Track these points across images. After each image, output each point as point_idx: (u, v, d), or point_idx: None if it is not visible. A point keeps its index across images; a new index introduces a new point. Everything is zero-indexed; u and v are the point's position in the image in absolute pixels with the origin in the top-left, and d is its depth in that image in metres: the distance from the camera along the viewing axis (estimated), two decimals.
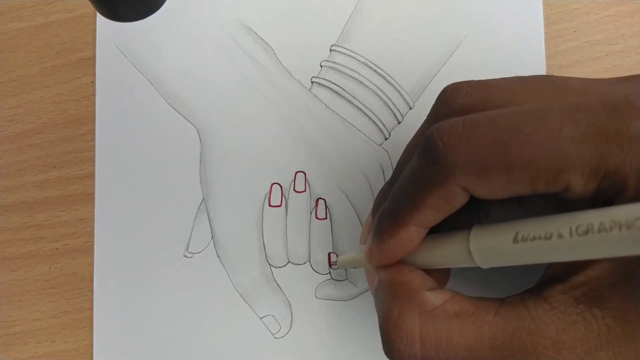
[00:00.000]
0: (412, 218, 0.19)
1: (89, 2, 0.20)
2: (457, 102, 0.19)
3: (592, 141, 0.15)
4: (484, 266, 0.18)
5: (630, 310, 0.16)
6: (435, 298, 0.18)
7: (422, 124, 0.22)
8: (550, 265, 0.18)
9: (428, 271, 0.20)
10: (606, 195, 0.16)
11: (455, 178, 0.17)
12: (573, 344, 0.16)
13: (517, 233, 0.17)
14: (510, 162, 0.16)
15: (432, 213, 0.18)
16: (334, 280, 0.27)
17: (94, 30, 0.29)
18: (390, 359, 0.19)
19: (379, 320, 0.19)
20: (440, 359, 0.18)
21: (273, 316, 0.27)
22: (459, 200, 0.18)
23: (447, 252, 0.19)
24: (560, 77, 0.20)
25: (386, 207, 0.20)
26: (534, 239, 0.16)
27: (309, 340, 0.27)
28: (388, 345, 0.19)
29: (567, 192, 0.16)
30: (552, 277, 0.18)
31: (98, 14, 0.24)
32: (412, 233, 0.19)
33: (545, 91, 0.19)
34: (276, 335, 0.27)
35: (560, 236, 0.16)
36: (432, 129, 0.18)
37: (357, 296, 0.27)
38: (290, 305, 0.27)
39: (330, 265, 0.28)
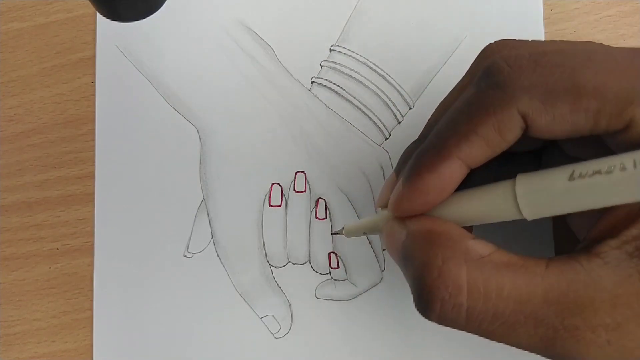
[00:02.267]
0: (459, 149, 0.17)
1: (89, 2, 0.20)
2: (503, 53, 0.18)
3: None
4: (530, 217, 0.17)
5: None
6: (480, 247, 0.17)
7: (460, 81, 0.21)
8: (597, 223, 0.17)
9: None
10: None
11: (518, 101, 0.16)
12: (629, 298, 0.16)
13: (574, 172, 0.16)
14: (578, 88, 0.15)
15: (481, 147, 0.17)
16: (334, 280, 0.27)
17: (94, 30, 0.29)
18: (428, 313, 0.17)
19: (414, 272, 0.17)
20: (487, 312, 0.16)
21: (273, 316, 0.27)
22: (514, 132, 0.17)
23: (487, 201, 0.18)
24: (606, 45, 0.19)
25: (428, 142, 0.18)
26: (593, 174, 0.15)
27: (309, 340, 0.27)
28: (429, 296, 0.17)
29: (629, 131, 0.16)
30: (601, 233, 0.17)
31: (98, 14, 0.24)
32: (455, 168, 0.17)
33: (594, 49, 0.18)
34: (276, 335, 0.27)
35: (623, 168, 0.15)
36: (493, 59, 0.17)
37: (357, 296, 0.27)
38: (290, 305, 0.27)
39: (334, 233, 0.26)
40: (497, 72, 0.17)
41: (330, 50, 0.28)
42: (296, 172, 0.28)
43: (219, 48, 0.29)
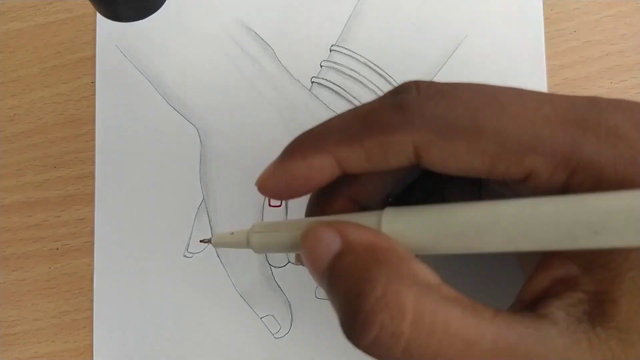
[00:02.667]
0: (337, 149, 0.16)
1: (89, 2, 0.20)
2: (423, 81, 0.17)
3: (569, 126, 0.14)
4: None
5: (632, 331, 0.14)
6: (429, 274, 0.15)
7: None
8: (535, 277, 0.16)
9: None
10: (571, 190, 0.15)
11: (413, 130, 0.15)
12: None
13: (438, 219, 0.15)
14: (478, 128, 0.15)
15: (360, 158, 0.16)
16: None
17: (94, 30, 0.29)
18: (362, 337, 0.15)
19: (346, 291, 0.15)
20: (429, 347, 0.14)
21: (273, 316, 0.27)
22: (399, 158, 0.16)
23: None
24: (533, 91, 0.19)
25: (315, 128, 0.17)
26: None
27: (309, 340, 0.27)
28: (367, 318, 0.14)
29: (529, 181, 0.15)
30: (543, 292, 0.16)
31: (98, 14, 0.24)
32: (326, 165, 0.16)
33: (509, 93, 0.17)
34: (276, 335, 0.27)
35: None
36: (410, 81, 0.16)
37: None
38: (290, 305, 0.27)
39: (202, 241, 0.22)
40: (405, 92, 0.16)
41: (330, 50, 0.28)
42: None
43: (219, 48, 0.29)
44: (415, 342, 0.14)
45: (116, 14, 0.20)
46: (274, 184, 0.17)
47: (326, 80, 0.28)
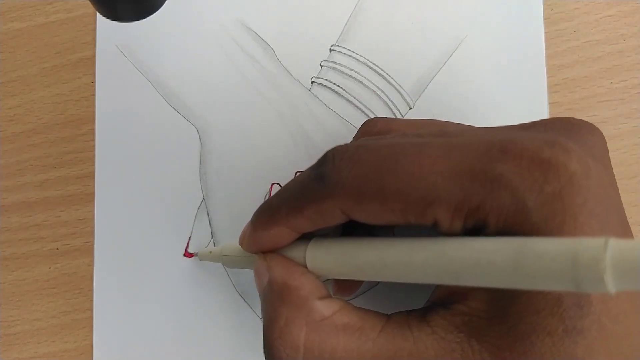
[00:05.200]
0: (287, 220, 0.19)
1: (89, 2, 0.20)
2: (340, 147, 0.20)
3: (459, 178, 0.16)
4: (321, 279, 0.20)
5: (505, 348, 0.16)
6: (324, 308, 0.18)
7: None
8: (436, 289, 0.19)
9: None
10: (472, 233, 0.16)
11: (335, 199, 0.18)
12: None
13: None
14: (383, 192, 0.17)
15: (306, 222, 0.19)
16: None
17: (94, 30, 0.29)
18: None
19: (263, 324, 0.19)
20: None
21: None
22: (335, 219, 0.18)
23: (293, 256, 0.20)
24: (460, 125, 0.22)
25: (269, 201, 0.21)
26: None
27: None
28: (270, 352, 0.19)
29: (437, 227, 0.17)
30: (437, 301, 0.18)
31: (98, 14, 0.24)
32: (284, 233, 0.20)
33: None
34: None
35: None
36: (331, 149, 0.19)
37: (357, 296, 0.27)
38: None
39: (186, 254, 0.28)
40: (325, 166, 0.18)
41: (330, 50, 0.28)
42: (296, 172, 0.28)
43: (219, 48, 0.29)
44: None
45: (116, 14, 0.20)
46: (251, 247, 0.21)
47: (326, 80, 0.28)
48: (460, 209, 0.16)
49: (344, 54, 0.28)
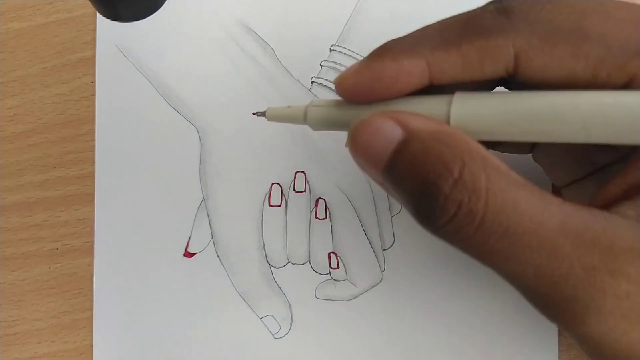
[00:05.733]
0: (432, 54, 0.16)
1: (89, 2, 0.20)
2: None
3: None
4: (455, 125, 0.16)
5: None
6: (497, 160, 0.15)
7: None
8: (605, 187, 0.16)
9: None
10: None
11: (518, 33, 0.15)
12: None
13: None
14: (584, 31, 0.15)
15: (454, 63, 0.16)
16: (334, 280, 0.27)
17: (94, 30, 0.29)
18: (439, 218, 0.15)
19: (421, 181, 0.15)
20: (500, 225, 0.15)
21: (273, 316, 0.27)
22: (497, 65, 0.16)
23: (424, 110, 0.16)
24: None
25: (410, 33, 0.17)
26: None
27: (309, 340, 0.27)
28: (447, 198, 0.15)
29: (630, 87, 0.15)
30: (614, 197, 0.16)
31: (98, 14, 0.24)
32: (417, 68, 0.16)
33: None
34: (276, 336, 0.27)
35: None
36: None
37: (357, 296, 0.27)
38: (290, 305, 0.27)
39: (255, 113, 0.21)
40: (511, 1, 0.16)
41: (330, 50, 0.28)
42: (296, 172, 0.28)
43: (219, 48, 0.29)
44: (488, 219, 0.15)
45: (116, 14, 0.20)
46: (356, 82, 0.17)
47: (326, 80, 0.28)
48: None
49: (344, 54, 0.28)
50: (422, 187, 0.15)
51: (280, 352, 0.27)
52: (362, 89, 0.17)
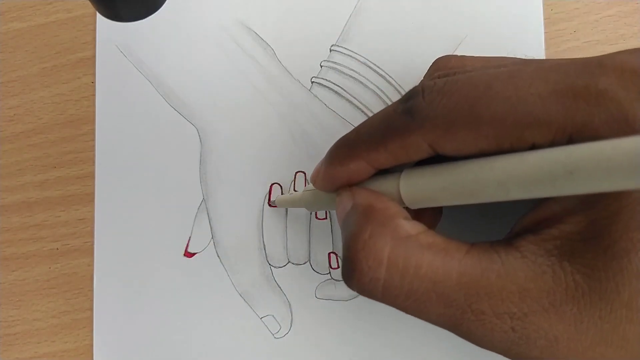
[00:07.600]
0: (367, 155, 0.19)
1: (89, 2, 0.20)
2: (427, 81, 0.19)
3: (559, 97, 0.16)
4: (412, 207, 0.19)
5: (599, 269, 0.16)
6: (409, 227, 0.18)
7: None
8: (521, 219, 0.19)
9: (420, 210, 0.20)
10: None
11: (424, 132, 0.17)
12: (539, 294, 0.16)
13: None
14: (477, 118, 0.16)
15: (387, 158, 0.19)
16: (334, 280, 0.27)
17: (94, 30, 0.29)
18: (349, 282, 0.18)
19: (345, 241, 0.19)
20: (402, 288, 0.17)
21: (273, 316, 0.27)
22: (419, 153, 0.18)
23: (383, 189, 0.20)
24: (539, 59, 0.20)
25: (346, 136, 0.20)
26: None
27: (309, 340, 0.27)
28: (351, 266, 0.18)
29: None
30: (523, 230, 0.18)
31: (98, 14, 0.24)
32: (361, 168, 0.20)
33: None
34: (276, 335, 0.27)
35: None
36: (419, 84, 0.18)
37: (357, 296, 0.27)
38: (290, 305, 0.27)
39: (269, 203, 0.28)
40: (414, 100, 0.18)
41: (330, 50, 0.28)
42: (296, 172, 0.28)
43: (219, 48, 0.29)
44: (391, 284, 0.17)
45: (116, 14, 0.20)
46: (323, 183, 0.21)
47: (326, 80, 0.28)
48: (563, 129, 0.16)
49: (344, 54, 0.28)
50: (343, 251, 0.19)
51: (280, 352, 0.27)
52: (328, 185, 0.21)
